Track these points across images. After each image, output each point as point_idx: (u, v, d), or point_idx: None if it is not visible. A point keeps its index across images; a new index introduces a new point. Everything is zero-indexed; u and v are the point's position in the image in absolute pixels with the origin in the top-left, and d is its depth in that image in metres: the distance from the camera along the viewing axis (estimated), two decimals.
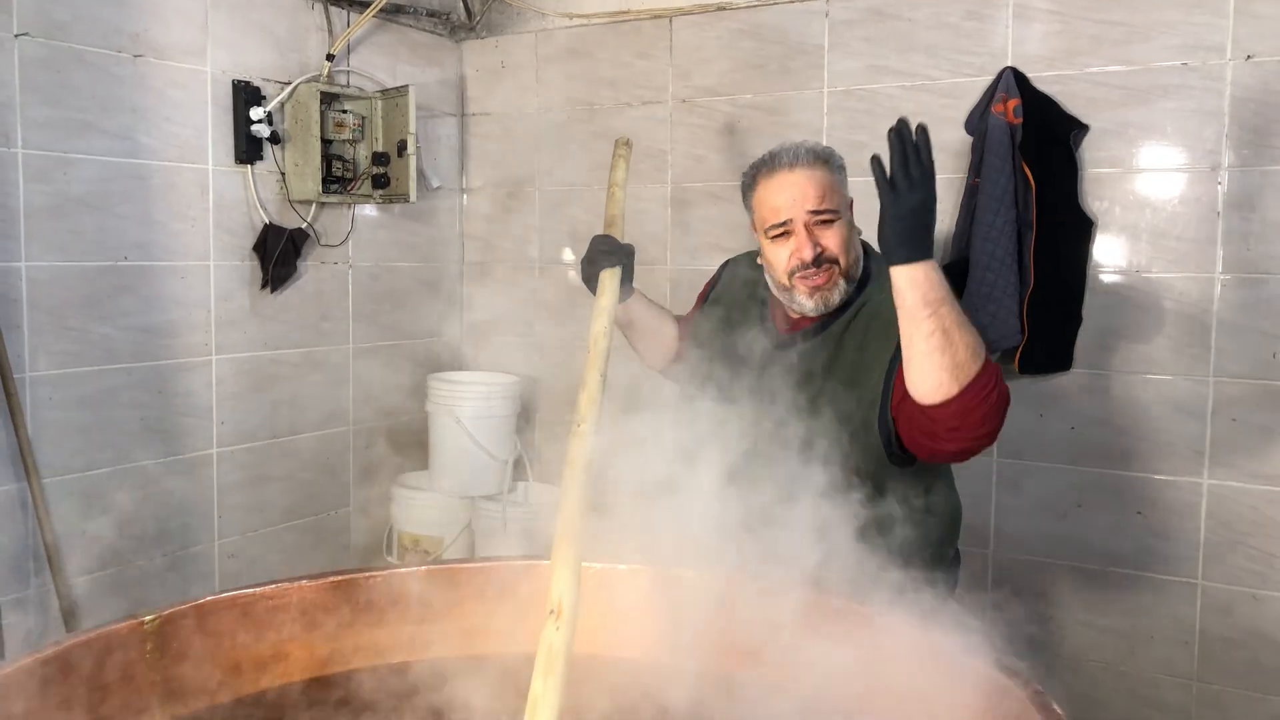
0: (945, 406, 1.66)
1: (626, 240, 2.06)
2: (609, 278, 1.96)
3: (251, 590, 1.64)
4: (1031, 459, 2.87)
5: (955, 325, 1.64)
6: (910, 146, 1.64)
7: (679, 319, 2.25)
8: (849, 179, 1.97)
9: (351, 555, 3.40)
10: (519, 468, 3.48)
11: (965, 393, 1.65)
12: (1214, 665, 2.70)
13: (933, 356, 1.65)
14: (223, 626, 1.59)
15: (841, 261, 1.87)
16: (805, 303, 1.90)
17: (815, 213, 1.86)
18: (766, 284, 2.01)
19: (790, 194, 1.87)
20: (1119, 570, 2.79)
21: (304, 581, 1.71)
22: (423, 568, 1.80)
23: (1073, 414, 2.82)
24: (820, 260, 1.85)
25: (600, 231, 2.07)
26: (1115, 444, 2.78)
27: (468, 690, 1.51)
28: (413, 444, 3.60)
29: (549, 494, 3.44)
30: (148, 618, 1.52)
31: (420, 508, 3.37)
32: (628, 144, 2.33)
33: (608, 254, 1.99)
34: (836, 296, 1.89)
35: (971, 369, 1.65)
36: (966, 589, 2.10)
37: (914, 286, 1.63)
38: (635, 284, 2.09)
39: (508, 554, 3.03)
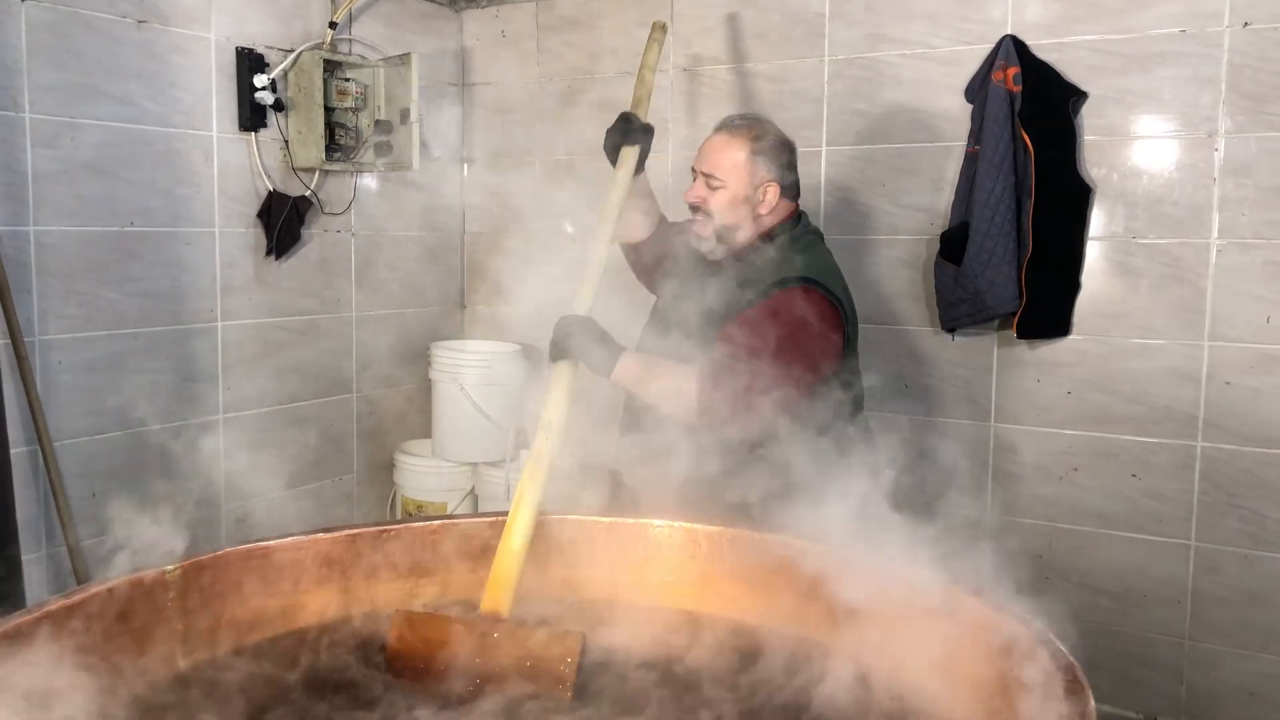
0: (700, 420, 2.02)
1: (649, 121, 2.24)
2: (629, 154, 2.19)
3: (271, 542, 1.67)
4: (1029, 423, 2.92)
5: (653, 377, 2.06)
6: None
7: (663, 218, 2.47)
8: (853, 147, 2.01)
9: (356, 521, 3.43)
10: (522, 434, 3.51)
11: (700, 411, 2.01)
12: (1206, 624, 2.75)
13: (662, 408, 2.08)
14: (243, 576, 1.62)
15: (714, 220, 2.18)
16: (690, 238, 2.23)
17: (706, 175, 2.18)
18: None
19: (703, 151, 2.22)
20: (1113, 532, 2.84)
21: (321, 535, 1.74)
22: (436, 522, 1.83)
23: (1070, 379, 2.86)
24: (696, 209, 2.19)
25: (627, 109, 2.25)
26: (1111, 408, 2.82)
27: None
28: (416, 411, 3.63)
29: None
30: (170, 567, 1.55)
31: (424, 474, 3.40)
32: (663, 28, 2.45)
33: (631, 132, 2.20)
34: (706, 246, 2.20)
35: (684, 402, 2.02)
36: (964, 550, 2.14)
37: (622, 380, 2.06)
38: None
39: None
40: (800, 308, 2.07)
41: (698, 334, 2.12)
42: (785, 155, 2.22)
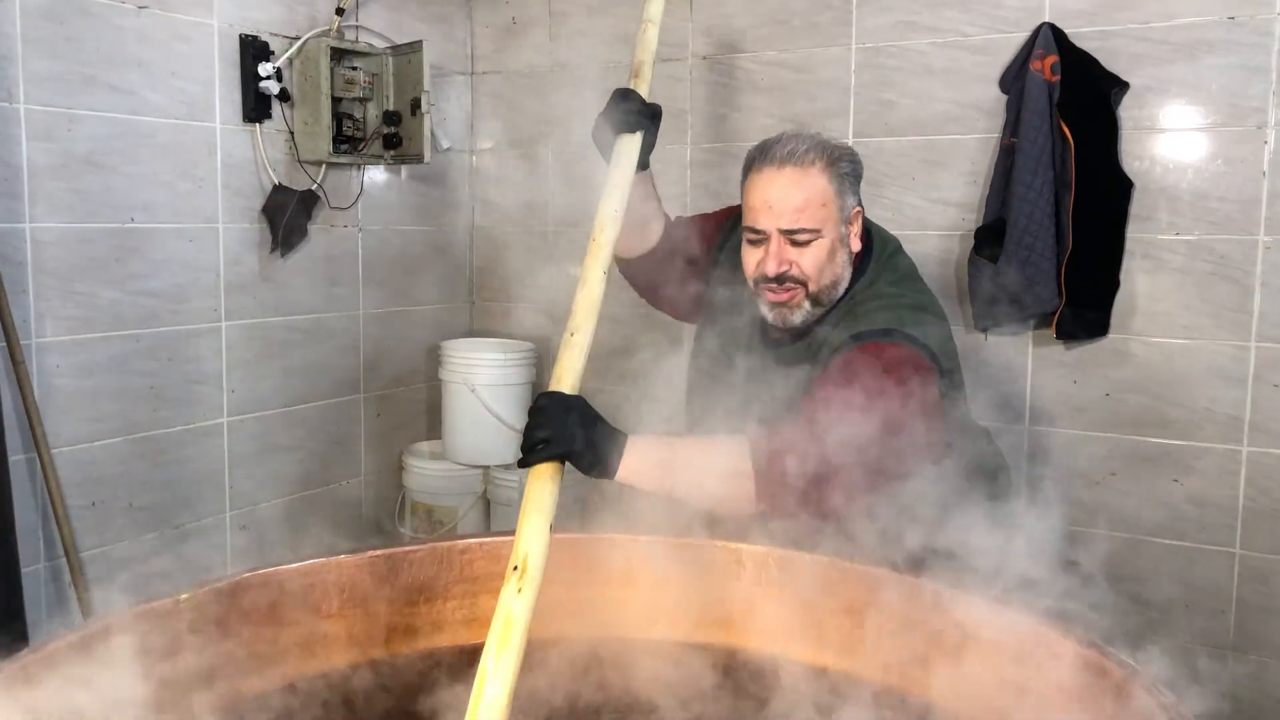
0: (764, 512, 1.57)
1: (654, 100, 1.75)
2: (627, 146, 1.69)
3: (290, 567, 1.56)
4: (1065, 426, 2.81)
5: (688, 462, 1.53)
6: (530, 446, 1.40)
7: (667, 219, 2.03)
8: (881, 139, 1.85)
9: (364, 526, 3.33)
10: None
11: (764, 494, 1.54)
12: (1251, 635, 2.66)
13: (695, 502, 1.57)
14: (261, 603, 1.51)
15: (811, 284, 1.73)
16: (767, 313, 1.79)
17: (788, 231, 1.71)
18: None
19: (769, 200, 1.72)
20: (1154, 539, 2.74)
21: (344, 557, 1.62)
22: (465, 541, 1.72)
23: (1108, 380, 2.76)
24: (784, 278, 1.72)
25: (624, 84, 1.75)
26: (1152, 411, 2.72)
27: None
28: (425, 412, 3.51)
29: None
30: (184, 595, 1.44)
31: (433, 477, 3.29)
32: None
33: (629, 114, 1.69)
34: (798, 318, 1.76)
35: (742, 473, 1.53)
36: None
37: (636, 477, 1.50)
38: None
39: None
40: (883, 367, 1.62)
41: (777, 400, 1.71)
42: (859, 167, 1.82)
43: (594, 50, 3.40)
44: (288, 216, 2.92)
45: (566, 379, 1.45)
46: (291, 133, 2.95)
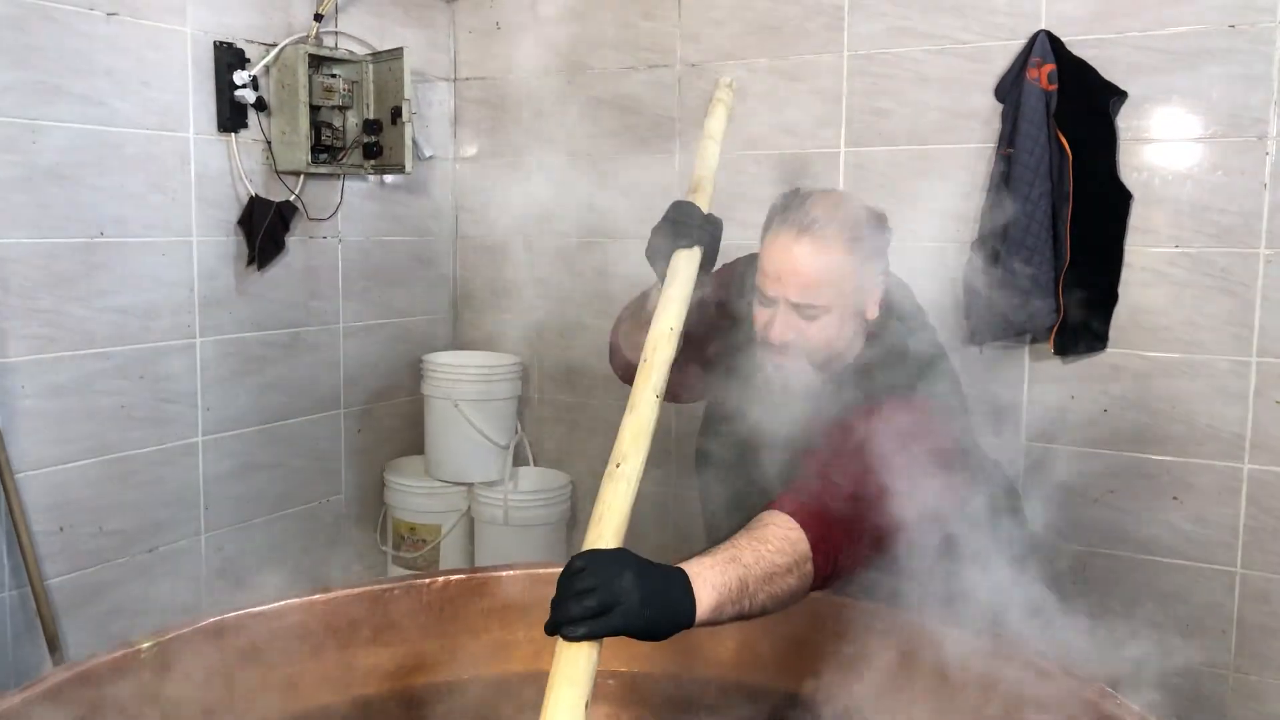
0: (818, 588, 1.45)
1: (713, 212, 1.67)
2: (685, 261, 1.58)
3: (258, 609, 1.48)
4: (1062, 442, 2.75)
5: (763, 577, 1.33)
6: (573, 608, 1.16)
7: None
8: (874, 149, 1.80)
9: (345, 545, 3.24)
10: (519, 453, 3.33)
11: (814, 583, 1.42)
12: (1253, 656, 2.60)
13: (776, 602, 1.38)
14: (228, 651, 1.43)
15: (812, 354, 1.67)
16: (769, 368, 1.71)
17: (798, 305, 1.64)
18: None
19: (780, 270, 1.64)
20: (1153, 558, 2.68)
21: (317, 597, 1.55)
22: (440, 579, 1.65)
23: (1106, 396, 2.70)
24: (785, 348, 1.66)
25: (682, 197, 1.67)
26: (1151, 427, 2.66)
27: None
28: (407, 427, 3.43)
29: (550, 480, 3.29)
30: (145, 645, 1.36)
31: (416, 495, 3.21)
32: (730, 86, 1.90)
33: (687, 228, 1.60)
34: (796, 383, 1.68)
35: (804, 581, 1.39)
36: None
37: (719, 611, 1.28)
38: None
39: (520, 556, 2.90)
40: (896, 429, 1.52)
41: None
42: (887, 235, 1.74)
43: (579, 56, 3.33)
44: (265, 228, 2.83)
45: (611, 520, 1.24)
46: (268, 142, 2.86)
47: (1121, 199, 2.60)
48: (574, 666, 1.10)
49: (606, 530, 1.22)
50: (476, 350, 3.51)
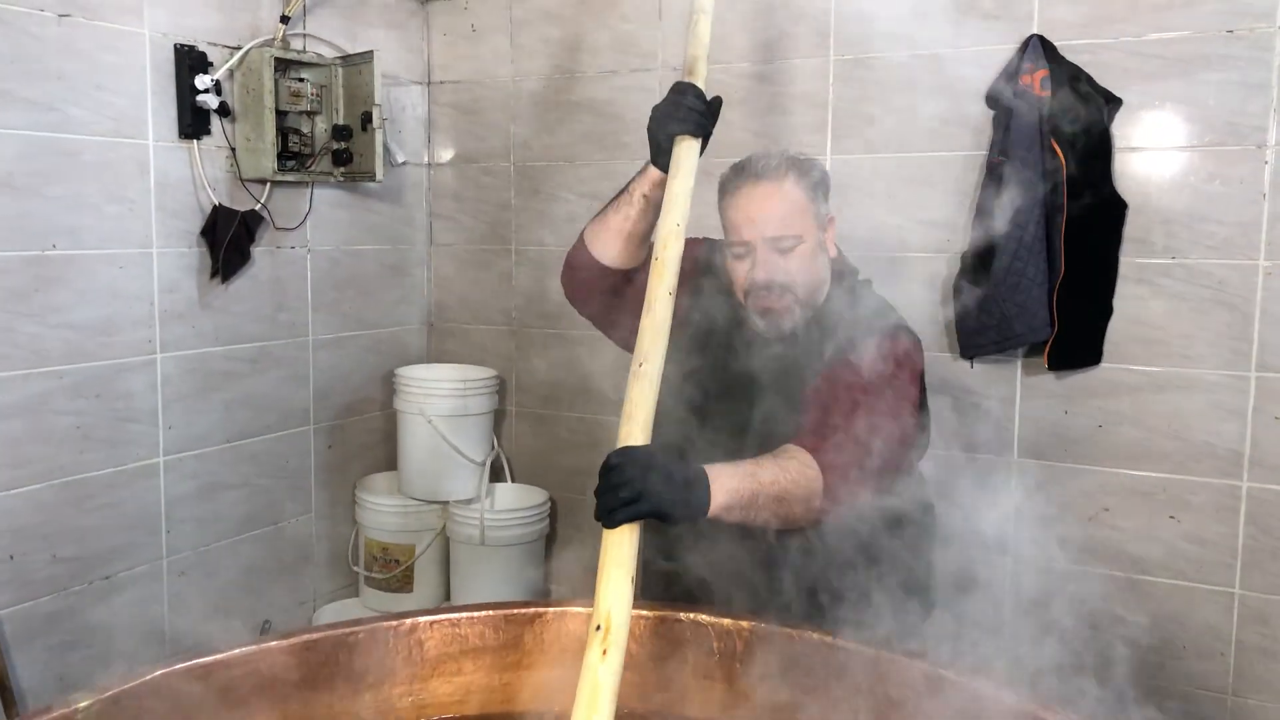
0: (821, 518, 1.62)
1: (710, 92, 1.68)
2: (686, 154, 1.62)
3: (209, 659, 1.37)
4: (1055, 459, 2.67)
5: (776, 493, 1.52)
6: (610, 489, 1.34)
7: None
8: (861, 156, 1.77)
9: (316, 566, 3.13)
10: (496, 469, 3.22)
11: (822, 508, 1.59)
12: (1251, 679, 2.53)
13: (780, 521, 1.57)
14: (176, 707, 1.32)
15: (799, 289, 1.77)
16: (758, 322, 1.80)
17: (773, 239, 1.74)
18: None
19: (751, 213, 1.75)
20: (1149, 578, 2.61)
21: (273, 644, 1.44)
22: (408, 621, 1.54)
23: (1101, 411, 2.62)
24: (774, 285, 1.75)
25: (682, 78, 1.68)
26: (1147, 443, 2.58)
27: None
28: (381, 442, 3.32)
29: (527, 497, 3.18)
30: (83, 704, 1.25)
31: (388, 514, 3.09)
32: None
33: (689, 112, 1.64)
34: (788, 324, 1.79)
35: (815, 493, 1.57)
36: (984, 599, 1.92)
37: (730, 509, 1.47)
38: None
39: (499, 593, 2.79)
40: (895, 361, 1.73)
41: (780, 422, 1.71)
42: (828, 176, 1.86)
43: (557, 59, 3.23)
44: (229, 239, 2.71)
45: (639, 416, 1.38)
46: (233, 149, 2.75)
47: (1116, 209, 2.53)
48: (619, 550, 1.27)
49: (635, 427, 1.37)
50: (452, 363, 3.40)
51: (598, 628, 1.16)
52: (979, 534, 2.50)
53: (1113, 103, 2.51)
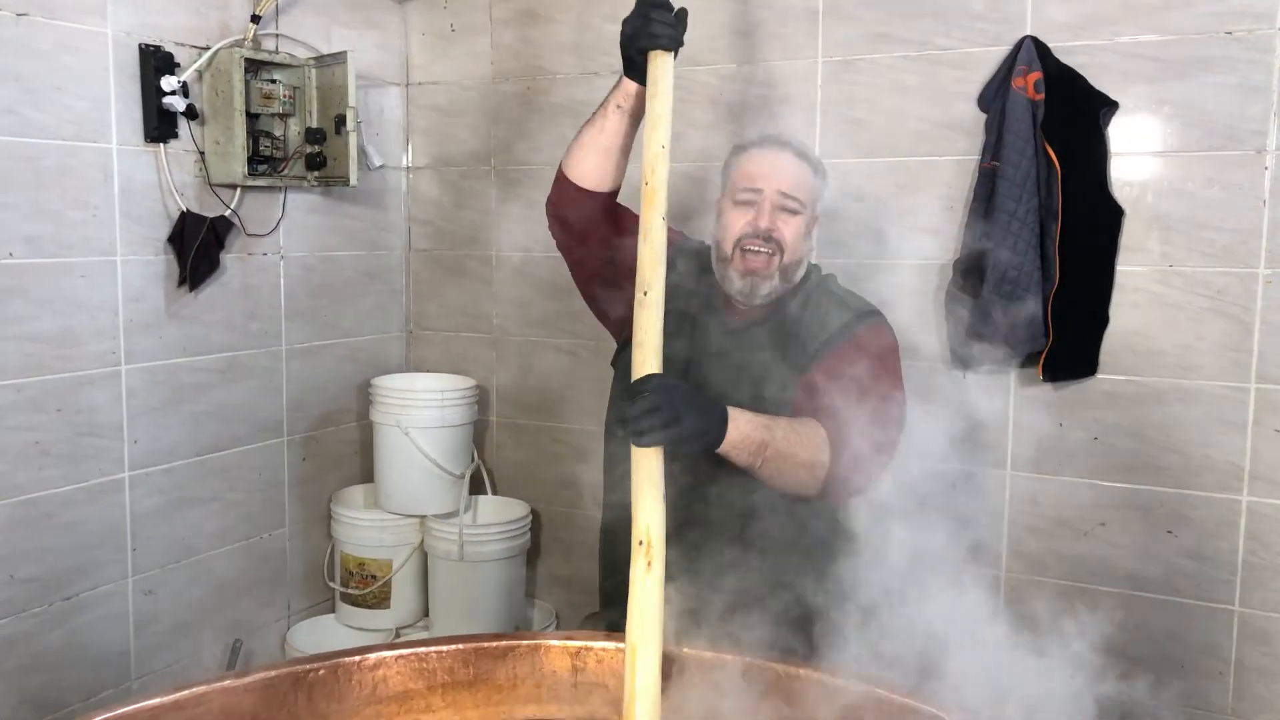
0: (821, 491, 1.74)
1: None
2: (663, 72, 1.62)
3: (156, 702, 1.29)
4: (1050, 472, 2.60)
5: (784, 449, 1.65)
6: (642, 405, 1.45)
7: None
8: (850, 161, 1.76)
9: (290, 582, 3.04)
10: (476, 482, 3.14)
11: (829, 480, 1.70)
12: (1252, 699, 2.46)
13: (781, 480, 1.69)
14: None
15: (786, 253, 1.85)
16: (735, 281, 1.86)
17: (785, 194, 1.84)
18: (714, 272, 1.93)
19: (769, 166, 1.86)
20: (1146, 595, 2.54)
21: (227, 683, 1.35)
22: (372, 656, 1.46)
23: (1096, 423, 2.55)
24: (770, 238, 1.82)
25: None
26: (1143, 456, 2.51)
27: None
28: (357, 453, 3.23)
29: (509, 510, 3.10)
30: None
31: (365, 528, 3.00)
32: None
33: (660, 25, 1.63)
34: (765, 288, 1.85)
35: (815, 465, 1.68)
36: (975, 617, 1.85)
37: (742, 448, 1.62)
38: None
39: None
40: (887, 347, 1.87)
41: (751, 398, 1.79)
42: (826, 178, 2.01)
43: (538, 60, 3.14)
44: (197, 246, 2.62)
45: (650, 342, 1.47)
46: (201, 153, 2.65)
47: (1112, 215, 2.46)
48: (651, 469, 1.38)
49: (649, 354, 1.46)
50: (431, 372, 3.31)
51: (640, 542, 1.27)
52: (967, 543, 2.43)
53: (1108, 106, 2.44)
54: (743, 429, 1.59)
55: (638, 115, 1.79)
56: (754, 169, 1.86)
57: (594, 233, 1.93)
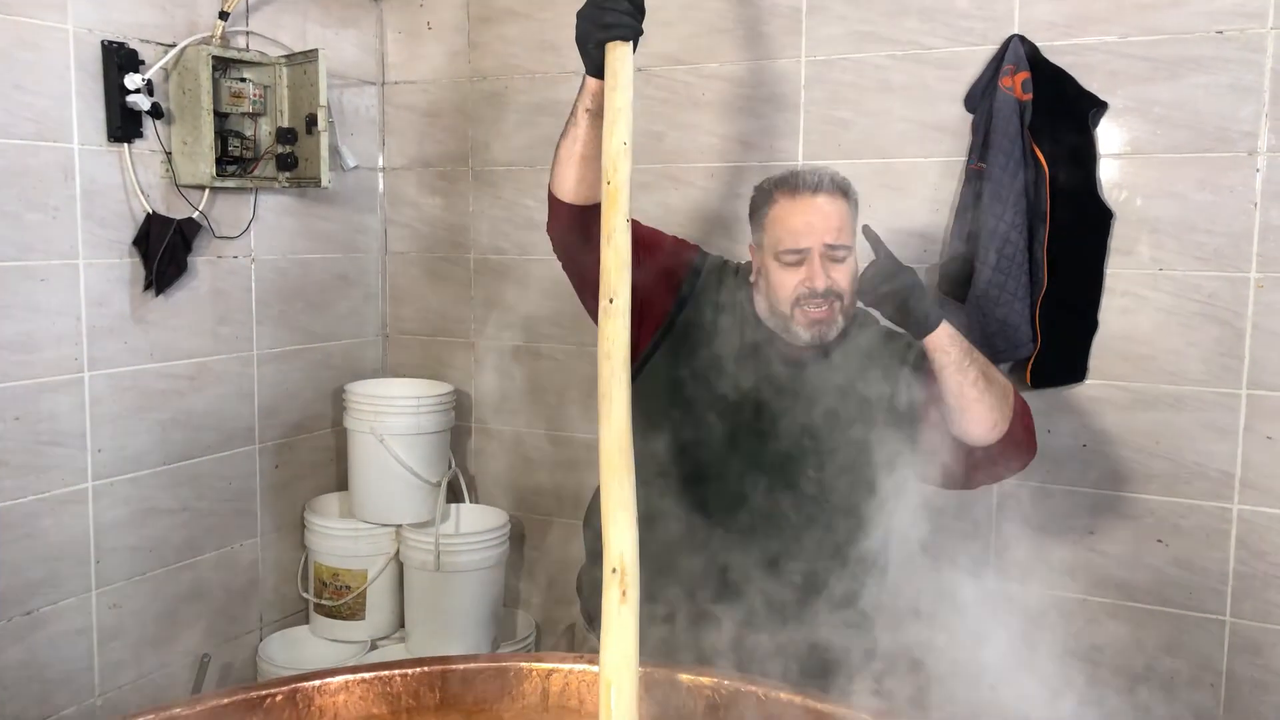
0: (1001, 441, 1.80)
1: None
2: (622, 62, 1.49)
3: None
4: (1038, 479, 2.54)
5: (987, 366, 1.77)
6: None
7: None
8: (834, 162, 1.70)
9: (262, 593, 2.96)
10: (453, 490, 3.07)
11: (1013, 424, 1.80)
12: (1242, 711, 2.41)
13: (983, 400, 1.75)
14: None
15: (845, 298, 1.83)
16: (801, 334, 1.83)
17: (831, 246, 1.80)
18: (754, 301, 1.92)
19: (811, 221, 1.80)
20: (1136, 605, 2.49)
21: (177, 710, 1.28)
22: (334, 680, 1.39)
23: (1085, 430, 2.50)
24: (828, 293, 1.80)
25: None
26: (1133, 464, 2.46)
27: None
28: (332, 460, 3.16)
29: (487, 519, 3.03)
30: None
31: (339, 537, 2.93)
32: None
33: (616, 19, 1.51)
34: (833, 332, 1.85)
35: (1010, 400, 1.80)
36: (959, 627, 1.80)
37: (954, 342, 1.73)
38: None
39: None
40: None
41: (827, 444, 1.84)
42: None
43: (516, 58, 3.08)
44: (164, 249, 2.55)
45: (617, 354, 1.32)
46: (168, 154, 2.58)
47: (1101, 218, 2.41)
48: (621, 491, 1.21)
49: (617, 366, 1.31)
50: (408, 377, 3.24)
51: (613, 570, 1.18)
52: (958, 558, 2.37)
53: (1097, 107, 2.39)
54: (952, 331, 1.73)
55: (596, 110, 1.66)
56: (795, 224, 1.80)
57: (598, 250, 1.77)
